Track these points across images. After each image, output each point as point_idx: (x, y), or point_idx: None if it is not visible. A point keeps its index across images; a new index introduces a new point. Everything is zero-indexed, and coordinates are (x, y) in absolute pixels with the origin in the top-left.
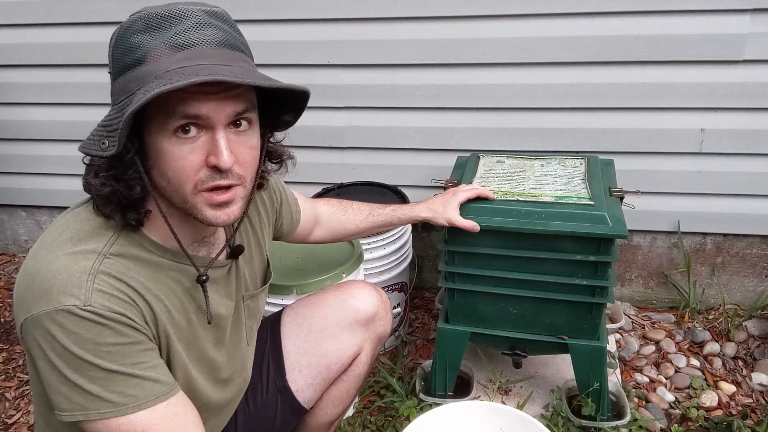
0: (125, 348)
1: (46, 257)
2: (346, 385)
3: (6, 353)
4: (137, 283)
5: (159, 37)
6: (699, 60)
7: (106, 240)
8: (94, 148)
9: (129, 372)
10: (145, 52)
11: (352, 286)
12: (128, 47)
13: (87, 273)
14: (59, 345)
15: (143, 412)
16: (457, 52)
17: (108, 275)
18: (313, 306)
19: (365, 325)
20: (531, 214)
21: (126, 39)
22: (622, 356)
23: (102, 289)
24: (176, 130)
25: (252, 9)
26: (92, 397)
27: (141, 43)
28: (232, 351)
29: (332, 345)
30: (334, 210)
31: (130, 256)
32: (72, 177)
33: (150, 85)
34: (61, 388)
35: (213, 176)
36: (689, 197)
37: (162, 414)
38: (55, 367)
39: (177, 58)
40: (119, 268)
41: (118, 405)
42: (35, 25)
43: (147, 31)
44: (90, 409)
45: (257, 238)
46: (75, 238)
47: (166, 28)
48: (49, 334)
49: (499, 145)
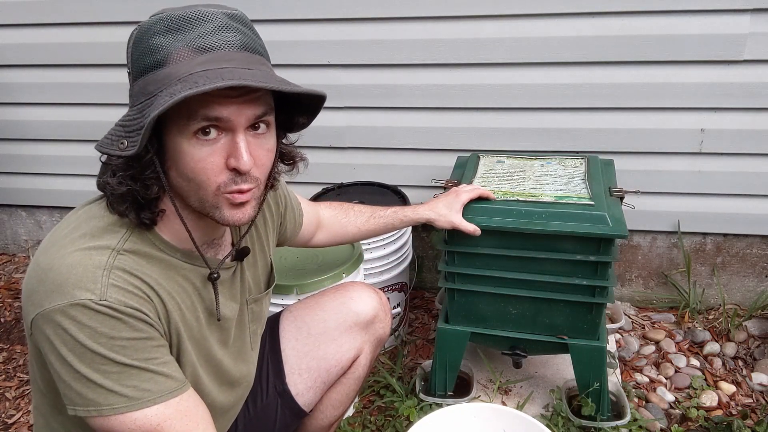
0: (139, 343)
1: (58, 252)
2: (345, 387)
3: (6, 353)
4: (151, 279)
5: (180, 39)
6: (699, 60)
7: (119, 237)
8: (113, 147)
9: (143, 366)
10: (166, 54)
11: (351, 289)
12: (149, 49)
13: (102, 268)
14: (72, 339)
15: (157, 407)
16: (457, 52)
17: (122, 270)
18: (312, 309)
19: (364, 328)
20: (531, 214)
21: (146, 40)
22: (622, 356)
23: (117, 284)
24: (196, 132)
25: (252, 9)
26: (105, 392)
27: (162, 45)
28: (236, 354)
29: (331, 348)
30: (335, 213)
31: (142, 253)
32: (72, 177)
33: (173, 87)
34: (73, 384)
35: (235, 180)
36: (689, 197)
37: (175, 409)
38: (68, 362)
39: (199, 60)
40: (133, 264)
41: (132, 399)
42: (35, 25)
43: (168, 33)
44: (103, 405)
45: (261, 242)
46: (88, 234)
47: (187, 30)
48: (61, 329)
49: (499, 145)
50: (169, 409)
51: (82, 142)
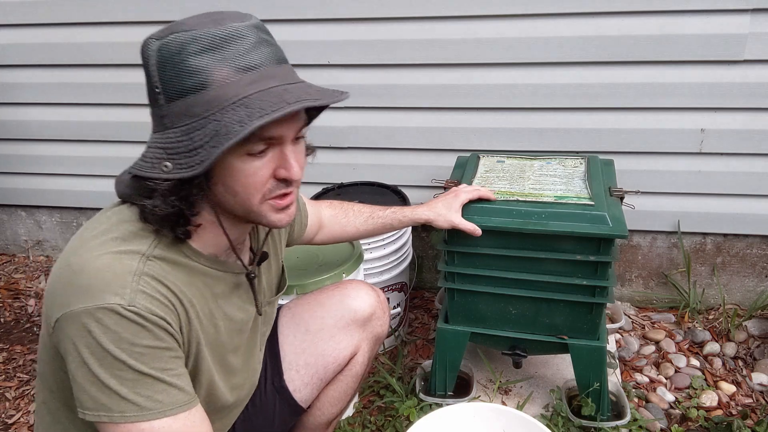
0: (158, 352)
1: (89, 254)
2: (343, 385)
3: (6, 353)
4: (176, 288)
5: (219, 58)
6: (699, 60)
7: (149, 242)
8: (155, 170)
9: (158, 376)
10: (207, 75)
11: (350, 286)
12: (187, 70)
13: (132, 273)
14: (95, 342)
15: (166, 419)
16: (457, 52)
17: (151, 277)
18: (310, 306)
19: (362, 326)
20: (531, 214)
21: (182, 61)
22: (622, 356)
23: (146, 291)
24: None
25: (252, 9)
26: (119, 399)
27: (202, 66)
28: (247, 355)
29: (329, 345)
30: (335, 213)
31: (170, 259)
32: (72, 177)
33: (235, 112)
34: (88, 387)
35: (279, 186)
36: (689, 197)
37: (183, 423)
38: (86, 364)
39: (246, 81)
40: (160, 271)
41: (143, 409)
42: (35, 25)
43: (205, 53)
44: (114, 411)
45: (275, 246)
46: (119, 238)
47: (224, 48)
48: (86, 330)
49: (499, 145)
50: (177, 423)
51: (82, 142)
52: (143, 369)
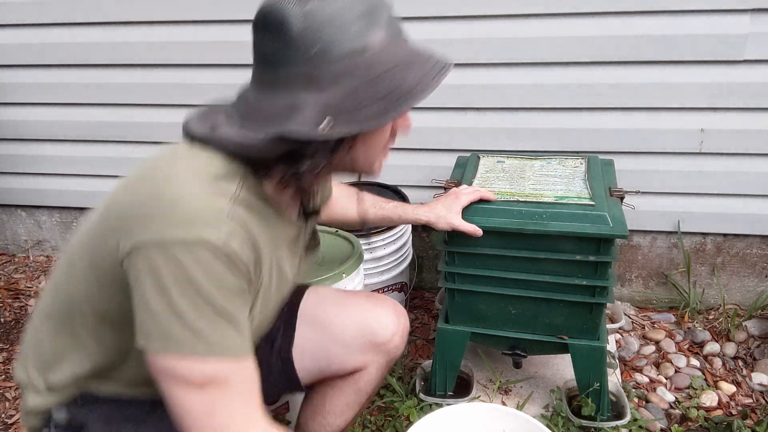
0: (238, 295)
1: (186, 188)
2: (345, 397)
3: (6, 353)
4: (254, 233)
5: (374, 23)
6: (699, 60)
7: (236, 185)
8: (312, 128)
9: (232, 318)
10: (367, 39)
11: (380, 306)
12: (346, 33)
13: (227, 215)
14: (184, 273)
15: (229, 360)
16: (456, 52)
17: (240, 221)
18: (336, 306)
19: (376, 347)
20: (531, 215)
21: (342, 25)
22: (622, 356)
23: (236, 233)
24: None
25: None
26: (191, 332)
27: (360, 30)
28: (276, 305)
29: (339, 351)
30: (341, 194)
31: (249, 204)
32: (72, 177)
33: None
34: (161, 316)
35: (390, 141)
36: (689, 197)
37: (241, 366)
38: (168, 293)
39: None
40: (244, 215)
41: (213, 346)
42: (35, 25)
43: (362, 18)
44: (185, 343)
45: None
46: (212, 175)
47: (377, 15)
48: (176, 260)
49: (499, 145)
50: (237, 365)
51: (82, 142)
52: (225, 307)
